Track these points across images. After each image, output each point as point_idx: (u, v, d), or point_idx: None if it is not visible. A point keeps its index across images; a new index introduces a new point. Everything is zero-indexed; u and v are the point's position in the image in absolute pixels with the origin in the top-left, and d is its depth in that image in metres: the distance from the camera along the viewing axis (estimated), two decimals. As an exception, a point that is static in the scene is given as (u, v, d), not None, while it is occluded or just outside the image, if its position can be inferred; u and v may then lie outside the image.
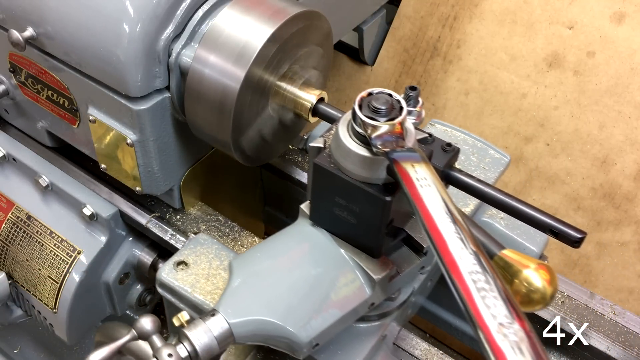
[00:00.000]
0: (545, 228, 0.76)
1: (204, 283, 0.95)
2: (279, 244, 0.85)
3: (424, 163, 0.68)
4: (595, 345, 1.02)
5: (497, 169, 1.11)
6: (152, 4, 0.89)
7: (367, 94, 0.74)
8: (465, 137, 1.15)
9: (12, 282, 1.23)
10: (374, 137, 0.71)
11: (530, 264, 0.67)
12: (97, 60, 0.93)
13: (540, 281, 0.66)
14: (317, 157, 0.78)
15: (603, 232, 1.60)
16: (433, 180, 0.66)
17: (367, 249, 0.82)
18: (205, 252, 0.99)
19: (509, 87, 1.65)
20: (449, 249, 0.59)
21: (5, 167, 1.24)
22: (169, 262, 0.97)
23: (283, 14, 0.92)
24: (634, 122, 1.53)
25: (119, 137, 0.99)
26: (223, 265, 0.96)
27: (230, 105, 0.91)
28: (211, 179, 1.19)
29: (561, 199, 1.63)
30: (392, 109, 0.73)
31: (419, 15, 1.74)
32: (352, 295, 0.81)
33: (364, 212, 0.78)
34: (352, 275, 0.81)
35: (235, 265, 0.82)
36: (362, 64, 1.85)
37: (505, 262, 0.69)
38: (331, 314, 0.79)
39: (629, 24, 1.52)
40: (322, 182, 0.79)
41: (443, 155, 0.82)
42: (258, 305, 0.78)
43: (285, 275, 0.80)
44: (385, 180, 0.74)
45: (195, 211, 1.18)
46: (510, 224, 1.09)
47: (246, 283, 0.80)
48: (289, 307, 0.78)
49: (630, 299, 1.61)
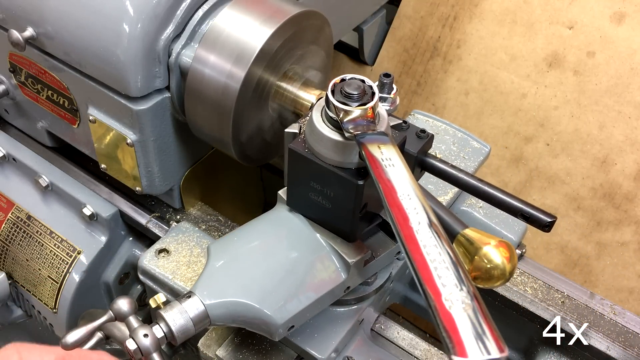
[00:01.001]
0: (516, 212, 0.78)
1: (185, 270, 0.97)
2: (257, 229, 0.86)
3: (390, 145, 0.69)
4: (595, 345, 1.02)
5: (477, 158, 1.14)
6: (152, 4, 0.89)
7: (339, 80, 0.75)
8: (446, 127, 1.18)
9: (12, 282, 1.23)
10: (346, 122, 0.72)
11: (490, 240, 0.68)
12: (97, 60, 0.93)
13: (499, 257, 0.67)
14: (292, 143, 0.80)
15: (603, 232, 1.60)
16: (397, 160, 0.67)
17: (342, 233, 0.83)
18: (186, 239, 1.02)
19: (509, 87, 1.65)
20: (407, 224, 0.60)
21: (5, 167, 1.24)
22: (150, 250, 1.00)
23: (283, 14, 0.92)
24: (634, 122, 1.53)
25: (119, 137, 0.99)
26: (204, 252, 0.98)
27: (230, 105, 0.91)
28: (211, 179, 1.19)
29: (561, 199, 1.63)
30: (364, 94, 0.74)
31: (419, 15, 1.74)
32: (327, 278, 0.82)
33: (337, 197, 0.79)
34: (327, 259, 0.83)
35: (212, 248, 0.84)
36: (362, 64, 1.85)
37: (467, 240, 0.70)
38: (306, 297, 0.80)
39: (629, 24, 1.52)
40: (297, 167, 0.81)
41: (417, 141, 0.84)
42: (234, 287, 0.79)
43: (261, 258, 0.82)
44: (357, 165, 0.76)
45: (195, 211, 1.18)
46: (488, 212, 1.11)
47: (223, 266, 0.81)
48: (264, 290, 0.79)
49: (630, 299, 1.61)
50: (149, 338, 0.74)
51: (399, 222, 0.61)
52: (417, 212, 0.61)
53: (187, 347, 1.10)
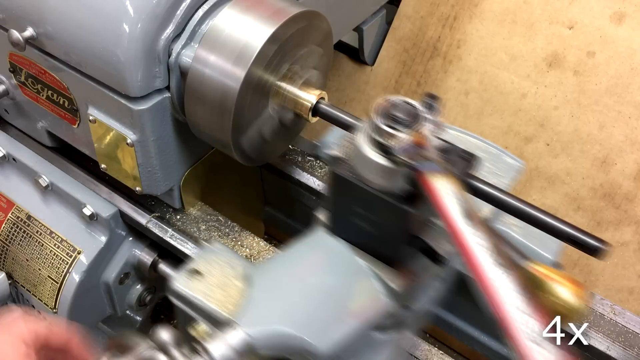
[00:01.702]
0: (565, 237, 0.75)
1: (218, 292, 0.92)
2: (297, 254, 0.84)
3: (448, 175, 0.67)
4: (595, 345, 1.02)
5: (511, 175, 1.08)
6: (152, 4, 0.89)
7: (386, 102, 0.72)
8: (477, 142, 1.12)
9: (12, 282, 1.23)
10: (395, 147, 0.69)
11: (557, 277, 0.66)
12: (97, 60, 0.93)
13: (568, 294, 0.65)
14: (336, 166, 0.77)
15: (603, 232, 1.60)
16: (458, 193, 0.65)
17: (385, 258, 0.81)
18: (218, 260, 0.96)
19: (509, 87, 1.65)
20: (478, 263, 0.58)
21: (5, 167, 1.24)
22: (182, 272, 0.94)
23: (283, 14, 0.92)
24: (634, 122, 1.53)
25: (119, 137, 0.99)
26: (237, 274, 0.95)
27: (230, 105, 0.91)
28: (211, 179, 1.19)
29: (561, 199, 1.63)
30: (413, 117, 0.71)
31: (419, 15, 1.74)
32: (370, 305, 0.80)
33: (383, 222, 0.77)
34: (370, 284, 0.80)
35: (252, 275, 0.82)
36: (362, 64, 1.85)
37: (532, 275, 0.67)
38: (350, 325, 0.78)
39: (629, 24, 1.52)
40: (341, 191, 0.78)
41: (462, 163, 0.81)
42: (277, 317, 0.77)
43: (303, 285, 0.79)
44: (406, 190, 0.73)
45: (195, 211, 1.18)
46: (524, 231, 1.06)
47: (264, 294, 0.79)
48: (308, 319, 0.77)
49: (630, 299, 1.61)
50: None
51: (469, 261, 0.58)
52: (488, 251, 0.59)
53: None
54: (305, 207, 1.31)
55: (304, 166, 1.23)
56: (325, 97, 1.00)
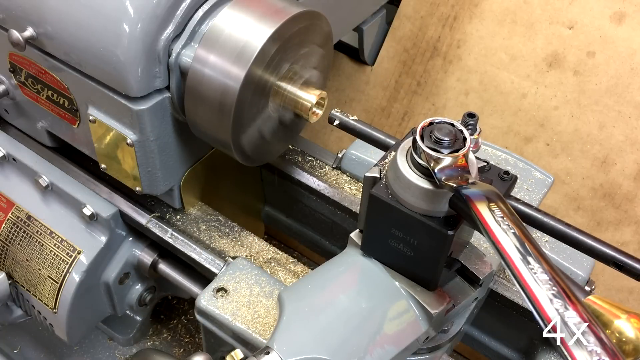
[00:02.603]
0: (608, 260, 0.74)
1: (245, 311, 0.92)
2: (330, 275, 0.83)
3: (500, 202, 0.65)
4: (595, 345, 1.02)
5: (540, 190, 1.07)
6: (152, 4, 0.89)
7: (428, 124, 0.70)
8: (506, 157, 1.11)
9: (12, 282, 1.23)
10: (438, 170, 0.67)
11: (620, 313, 0.64)
12: (97, 60, 0.93)
13: (633, 331, 0.63)
14: (374, 188, 0.76)
15: (603, 232, 1.60)
16: (513, 222, 0.63)
17: (422, 281, 0.79)
18: (244, 278, 0.96)
19: (509, 87, 1.65)
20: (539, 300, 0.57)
21: (5, 167, 1.24)
22: (208, 289, 0.93)
23: (283, 14, 0.92)
24: (634, 122, 1.53)
25: (119, 137, 0.99)
26: (264, 291, 0.94)
27: (230, 105, 0.91)
28: (211, 179, 1.19)
29: (561, 199, 1.63)
30: (456, 139, 0.69)
31: (419, 15, 1.74)
32: (407, 329, 0.78)
33: (422, 245, 0.75)
34: (406, 308, 0.79)
35: (285, 297, 0.80)
36: (362, 64, 1.85)
37: (592, 310, 0.66)
38: (386, 350, 0.76)
39: (629, 24, 1.52)
40: (378, 213, 0.77)
41: (501, 183, 0.80)
42: (312, 341, 0.75)
43: (337, 309, 0.78)
44: (446, 213, 0.72)
45: (195, 211, 1.18)
46: (555, 247, 1.05)
47: (298, 318, 0.78)
48: (343, 343, 0.75)
49: (630, 299, 1.61)
50: None
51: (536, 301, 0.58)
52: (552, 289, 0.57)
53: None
54: (305, 207, 1.31)
55: (304, 166, 1.23)
56: (325, 97, 1.00)
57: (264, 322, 0.89)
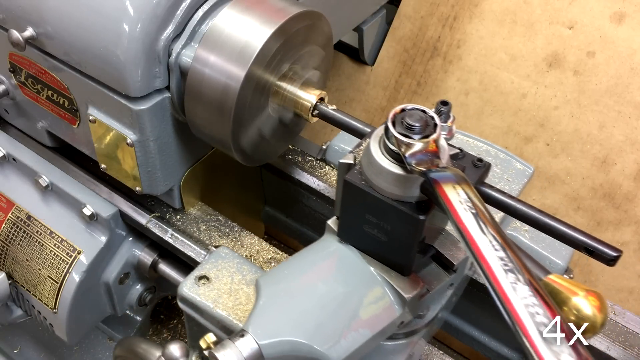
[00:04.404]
0: (579, 246, 0.74)
1: (226, 298, 0.92)
2: (307, 261, 0.83)
3: (465, 184, 0.66)
4: (595, 345, 1.02)
5: (521, 180, 1.09)
6: (152, 4, 0.89)
7: (400, 110, 0.72)
8: (487, 148, 1.13)
9: (12, 282, 1.23)
10: (408, 155, 0.69)
11: (578, 290, 0.65)
12: (97, 60, 0.93)
13: (590, 309, 0.64)
14: (348, 174, 0.76)
15: (603, 232, 1.60)
16: (476, 203, 0.64)
17: (397, 266, 0.80)
18: (226, 266, 0.97)
19: (509, 87, 1.65)
20: (498, 279, 0.57)
21: (5, 167, 1.24)
22: (190, 277, 0.94)
23: (283, 14, 0.92)
24: (634, 122, 1.53)
25: (119, 137, 0.99)
26: (245, 279, 0.94)
27: (231, 105, 0.91)
28: (211, 179, 1.19)
29: (561, 199, 1.63)
30: (426, 125, 0.71)
31: (419, 15, 1.74)
32: (381, 314, 0.79)
33: (395, 230, 0.76)
34: (381, 293, 0.80)
35: (262, 283, 0.81)
36: (362, 64, 1.85)
37: (552, 288, 0.66)
38: (361, 334, 0.77)
39: (629, 24, 1.52)
40: (352, 199, 0.78)
41: (474, 170, 0.81)
42: (287, 325, 0.76)
43: (313, 293, 0.79)
44: (418, 198, 0.73)
45: (195, 211, 1.18)
46: (534, 236, 1.07)
47: (274, 302, 0.79)
48: (318, 327, 0.76)
49: (630, 299, 1.61)
50: None
51: (492, 277, 0.58)
52: (508, 266, 0.58)
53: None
54: (305, 207, 1.31)
55: (304, 166, 1.23)
56: (325, 97, 1.00)
57: (244, 309, 0.90)
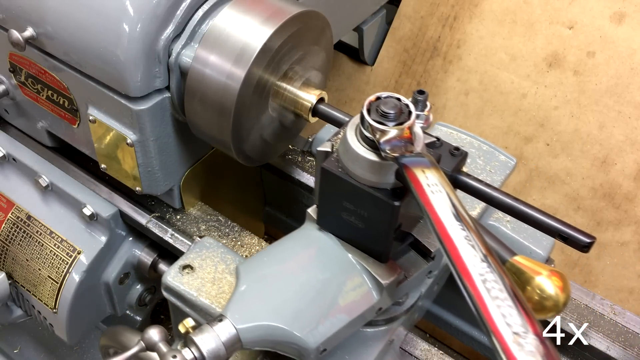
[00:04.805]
0: (554, 233, 0.75)
1: (210, 287, 0.94)
2: (286, 249, 0.85)
3: (434, 168, 0.67)
4: (595, 345, 1.02)
5: (503, 172, 1.10)
6: (152, 4, 0.89)
7: (375, 98, 0.73)
8: (471, 140, 1.14)
9: (12, 282, 1.23)
10: (383, 142, 0.70)
11: (542, 270, 0.66)
12: (97, 60, 0.93)
13: (553, 288, 0.65)
14: (325, 162, 0.78)
15: (603, 232, 1.60)
16: (444, 186, 0.65)
17: (374, 253, 0.81)
18: (210, 255, 0.98)
19: (509, 87, 1.65)
20: (461, 257, 0.58)
21: (5, 167, 1.24)
22: (174, 266, 0.96)
23: (283, 14, 0.92)
24: (634, 122, 1.53)
25: (119, 137, 0.99)
26: (229, 269, 0.96)
27: (231, 105, 0.91)
28: (211, 179, 1.19)
29: (561, 199, 1.63)
30: (401, 113, 0.72)
31: (419, 15, 1.74)
32: (359, 300, 0.80)
33: (372, 217, 0.77)
34: (359, 280, 0.81)
35: (242, 269, 0.82)
36: (362, 64, 1.85)
37: (517, 269, 0.68)
38: (339, 319, 0.79)
39: (629, 24, 1.52)
40: (329, 186, 0.79)
41: (451, 159, 0.82)
42: (265, 310, 0.77)
43: (292, 280, 0.80)
44: (393, 185, 0.74)
45: (195, 211, 1.18)
46: (516, 227, 1.08)
47: (253, 288, 0.80)
48: (296, 312, 0.78)
49: (630, 299, 1.61)
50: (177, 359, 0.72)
51: (453, 254, 0.59)
52: (471, 244, 0.59)
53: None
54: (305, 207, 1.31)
55: (304, 166, 1.23)
56: (325, 97, 1.00)
57: (227, 297, 0.91)
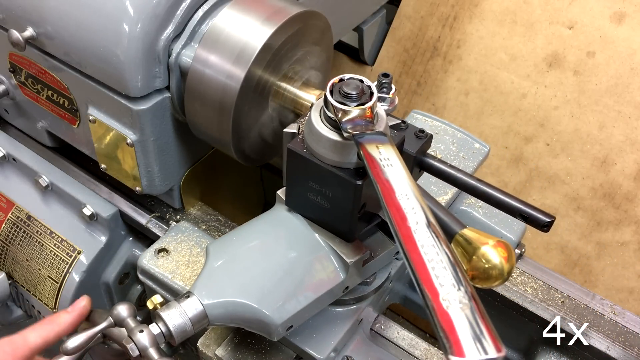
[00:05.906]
0: (515, 212, 0.77)
1: (184, 269, 0.98)
2: (255, 229, 0.87)
3: (389, 144, 0.69)
4: (595, 345, 1.02)
5: (476, 158, 1.14)
6: (152, 4, 0.89)
7: (338, 80, 0.75)
8: (445, 127, 1.18)
9: (12, 282, 1.23)
10: (344, 122, 0.72)
11: (488, 240, 0.68)
12: (97, 60, 0.93)
13: (497, 257, 0.67)
14: (291, 142, 0.80)
15: (603, 232, 1.60)
16: (395, 160, 0.67)
17: (340, 233, 0.83)
18: (186, 239, 1.02)
19: (509, 87, 1.65)
20: (405, 224, 0.60)
21: (5, 167, 1.24)
22: (149, 249, 0.99)
23: (283, 14, 0.92)
24: (634, 122, 1.53)
25: (119, 137, 0.99)
26: (204, 252, 0.98)
27: (230, 105, 0.91)
28: (211, 179, 1.19)
29: (561, 199, 1.63)
30: (363, 94, 0.74)
31: (419, 15, 1.74)
32: (326, 278, 0.82)
33: (336, 197, 0.79)
34: (326, 259, 0.83)
35: (211, 249, 0.84)
36: (362, 64, 1.85)
37: (466, 240, 0.70)
38: (305, 297, 0.81)
39: (629, 24, 1.52)
40: (295, 167, 0.81)
41: (416, 141, 0.84)
42: (233, 287, 0.79)
43: (260, 258, 0.82)
44: (356, 165, 0.76)
45: (195, 211, 1.18)
46: (488, 212, 1.12)
47: (222, 266, 0.81)
48: (263, 290, 0.79)
49: (630, 299, 1.61)
50: (144, 334, 0.75)
51: (396, 221, 0.61)
52: (415, 212, 0.61)
53: (187, 347, 1.10)
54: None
55: (304, 166, 1.23)
56: (325, 97, 1.00)
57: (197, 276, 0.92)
